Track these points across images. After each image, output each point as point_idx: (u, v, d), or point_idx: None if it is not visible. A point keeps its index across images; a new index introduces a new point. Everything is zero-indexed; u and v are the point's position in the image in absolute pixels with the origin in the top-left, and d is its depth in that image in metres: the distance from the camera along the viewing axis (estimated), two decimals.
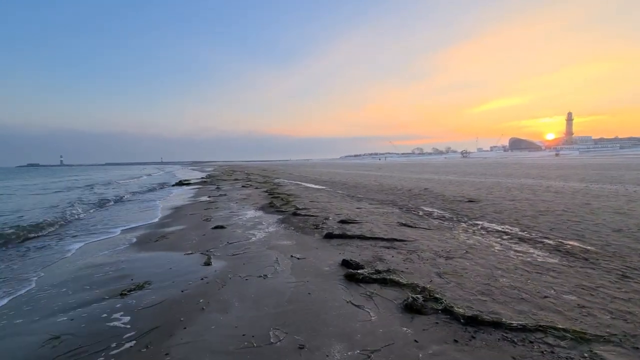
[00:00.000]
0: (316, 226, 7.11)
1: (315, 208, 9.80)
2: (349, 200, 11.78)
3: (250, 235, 6.54)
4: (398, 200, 11.16)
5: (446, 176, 21.07)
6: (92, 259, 5.42)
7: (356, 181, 20.02)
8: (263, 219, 8.32)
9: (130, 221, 8.97)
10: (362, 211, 9.07)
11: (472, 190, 12.81)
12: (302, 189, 16.30)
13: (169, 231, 7.37)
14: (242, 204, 11.37)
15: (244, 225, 7.56)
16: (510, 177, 18.26)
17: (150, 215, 10.00)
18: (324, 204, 10.64)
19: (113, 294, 3.84)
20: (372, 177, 23.49)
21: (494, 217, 7.74)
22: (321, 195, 13.47)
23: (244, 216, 8.92)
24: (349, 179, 21.92)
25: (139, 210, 11.43)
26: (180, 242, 6.31)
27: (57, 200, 15.10)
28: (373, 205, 10.34)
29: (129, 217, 9.93)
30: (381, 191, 14.23)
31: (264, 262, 4.80)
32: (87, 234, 7.53)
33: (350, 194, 13.52)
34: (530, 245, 5.29)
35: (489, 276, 3.93)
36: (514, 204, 9.35)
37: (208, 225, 7.73)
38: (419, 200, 10.98)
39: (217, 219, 8.62)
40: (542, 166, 28.84)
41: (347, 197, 12.70)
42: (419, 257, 4.79)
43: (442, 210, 8.93)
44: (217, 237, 6.55)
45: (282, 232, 6.74)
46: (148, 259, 5.24)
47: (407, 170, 31.61)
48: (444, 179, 18.63)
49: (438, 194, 12.23)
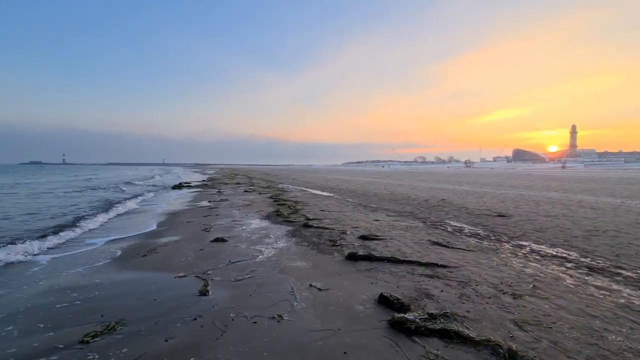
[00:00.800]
0: (333, 242, 6.04)
1: (327, 219, 8.73)
2: (363, 210, 10.72)
3: (256, 252, 5.47)
4: (417, 212, 10.08)
5: (460, 186, 19.97)
6: (61, 279, 4.36)
7: (365, 189, 18.96)
8: (270, 231, 7.25)
9: (119, 229, 7.92)
10: (381, 224, 8.00)
11: (496, 203, 11.72)
12: (309, 196, 15.24)
13: (161, 243, 6.30)
14: (245, 212, 10.31)
15: (248, 239, 6.49)
16: (532, 190, 17.15)
17: (143, 221, 8.95)
18: (337, 214, 9.58)
19: (71, 339, 2.78)
20: (380, 184, 22.43)
21: (538, 237, 6.66)
22: (331, 203, 12.40)
23: (247, 226, 7.85)
24: (357, 187, 20.87)
25: (130, 217, 10.39)
26: (172, 258, 5.24)
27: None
28: (391, 217, 9.27)
29: (118, 224, 8.88)
30: (395, 201, 13.16)
31: (276, 293, 3.73)
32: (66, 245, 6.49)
33: (362, 203, 12.45)
34: (609, 279, 4.21)
35: (588, 330, 2.85)
36: (553, 221, 8.26)
37: (207, 237, 6.66)
38: (441, 213, 9.90)
39: (218, 229, 7.56)
40: (557, 178, 27.69)
41: (359, 206, 11.64)
42: (476, 292, 3.71)
43: (472, 226, 7.85)
44: (216, 252, 5.48)
45: (294, 249, 5.67)
46: (129, 282, 4.18)
47: (416, 178, 30.54)
48: (459, 190, 17.54)
49: (459, 206, 11.15)
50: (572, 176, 31.92)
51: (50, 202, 14.37)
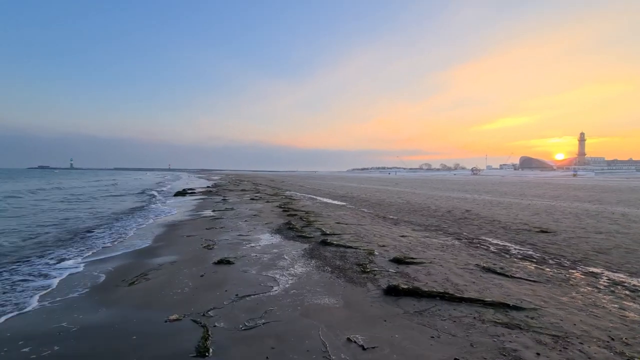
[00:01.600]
0: (362, 267, 4.96)
1: (347, 233, 7.66)
2: (383, 222, 9.63)
3: (269, 281, 4.41)
4: (445, 226, 8.96)
5: (479, 195, 18.77)
6: (14, 321, 3.33)
7: (378, 198, 17.85)
8: (283, 249, 6.19)
9: (115, 247, 6.92)
10: (410, 242, 6.91)
11: (530, 216, 10.55)
12: (320, 205, 14.18)
13: (155, 265, 5.27)
14: (253, 223, 9.27)
15: (258, 260, 5.44)
16: (560, 200, 15.90)
17: (138, 235, 7.95)
18: (356, 227, 8.50)
19: None
20: (393, 193, 21.30)
21: (606, 261, 5.51)
22: (345, 214, 11.33)
23: (256, 243, 6.81)
24: (369, 195, 19.76)
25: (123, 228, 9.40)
26: (165, 288, 4.20)
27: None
28: (418, 231, 8.17)
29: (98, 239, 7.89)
30: (414, 211, 12.05)
31: (303, 354, 2.66)
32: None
33: (379, 214, 11.36)
34: None
35: None
36: (609, 239, 7.10)
37: (209, 257, 5.62)
38: (472, 227, 8.78)
39: (222, 245, 6.52)
40: (580, 187, 26.28)
41: (377, 218, 10.54)
42: (586, 356, 2.61)
43: (517, 245, 6.72)
44: (220, 281, 4.43)
45: (316, 277, 4.60)
46: (104, 328, 3.14)
47: (428, 186, 29.31)
48: (480, 199, 16.36)
49: (489, 219, 10.01)
50: (594, 185, 30.44)
51: (104, 204, 13.59)
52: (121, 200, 17.77)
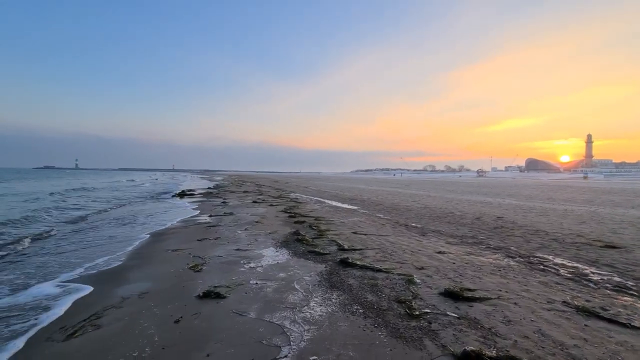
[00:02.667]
0: (408, 308, 3.48)
1: (369, 248, 6.20)
2: (406, 232, 8.15)
3: (276, 337, 2.94)
4: (484, 238, 7.46)
5: (502, 199, 17.18)
6: None
7: (391, 201, 16.35)
8: (293, 273, 4.73)
9: (74, 265, 5.50)
10: (453, 261, 5.42)
11: (577, 225, 9.01)
12: (329, 210, 12.72)
13: (115, 301, 3.81)
14: (255, 233, 7.83)
15: (259, 293, 3.98)
16: (597, 205, 14.26)
17: (108, 249, 6.55)
18: (378, 239, 7.04)
19: None
20: (406, 196, 19.77)
21: None
22: (361, 221, 9.86)
23: (258, 261, 5.36)
24: (381, 198, 18.26)
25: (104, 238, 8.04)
26: (117, 348, 2.76)
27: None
28: (455, 245, 6.69)
29: (79, 254, 6.51)
30: (438, 218, 10.55)
31: None
32: None
33: (399, 221, 9.87)
34: None
35: None
36: None
37: (194, 286, 4.18)
38: (518, 239, 7.27)
39: (214, 266, 5.08)
40: (607, 191, 24.49)
41: (399, 226, 9.06)
42: None
43: (592, 267, 5.20)
44: (202, 335, 2.98)
45: (344, 327, 3.13)
46: None
47: (441, 188, 27.70)
48: (506, 204, 14.79)
49: (532, 229, 8.49)
50: (619, 188, 28.59)
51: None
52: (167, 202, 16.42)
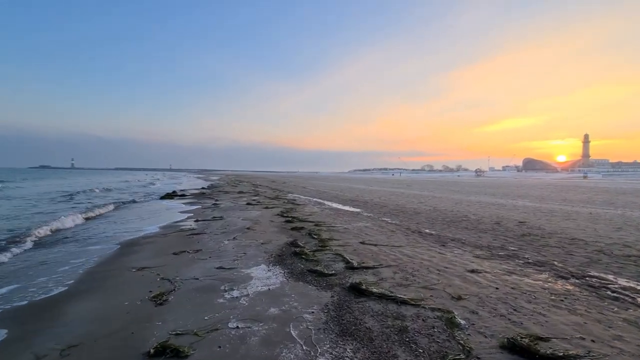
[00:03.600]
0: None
1: (384, 265, 5.01)
2: (422, 240, 6.97)
3: None
4: (515, 249, 6.29)
5: (514, 200, 16.04)
6: None
7: (396, 203, 15.18)
8: (289, 309, 3.51)
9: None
10: (495, 284, 4.24)
11: (614, 232, 7.87)
12: (330, 213, 11.51)
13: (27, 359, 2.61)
14: (245, 244, 6.62)
15: (241, 346, 2.75)
16: (622, 207, 13.13)
17: (62, 266, 5.31)
18: (391, 252, 5.84)
19: None
20: (409, 197, 18.60)
21: None
22: (367, 227, 8.67)
23: (243, 287, 4.14)
24: (384, 199, 17.08)
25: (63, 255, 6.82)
26: None
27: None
28: (485, 259, 5.50)
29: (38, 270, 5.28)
30: (452, 223, 9.39)
31: None
32: None
33: (410, 227, 8.69)
34: None
35: None
36: None
37: (147, 334, 2.96)
38: (557, 251, 6.11)
39: (183, 296, 3.86)
40: (618, 191, 23.42)
41: (411, 233, 7.88)
42: None
43: None
44: None
45: None
46: None
47: (444, 189, 26.55)
48: (522, 206, 13.65)
49: (566, 237, 7.34)
50: (632, 188, 27.57)
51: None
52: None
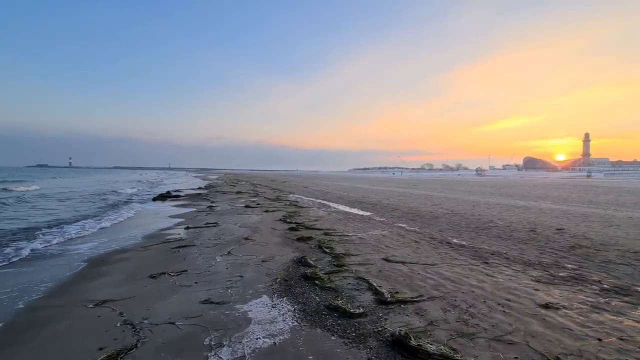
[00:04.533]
0: None
1: (427, 298, 3.76)
2: (456, 255, 5.73)
3: None
4: (572, 265, 5.05)
5: (536, 202, 14.79)
6: None
7: (408, 205, 13.93)
8: None
9: None
10: (596, 331, 2.99)
11: None
12: (338, 217, 10.26)
13: None
14: (241, 261, 5.36)
15: None
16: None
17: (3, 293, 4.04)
18: (425, 274, 4.60)
19: None
20: (421, 197, 17.35)
21: None
22: (384, 235, 7.43)
23: (237, 338, 2.89)
24: (393, 200, 15.83)
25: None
26: None
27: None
28: (550, 284, 4.26)
29: None
30: (480, 230, 8.15)
31: None
32: None
33: (433, 235, 7.44)
34: None
35: None
36: None
37: None
38: (626, 269, 4.88)
39: (151, 354, 2.62)
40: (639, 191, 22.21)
41: (438, 243, 6.64)
42: None
43: None
44: None
45: None
46: None
47: (455, 189, 25.26)
48: (548, 209, 12.41)
49: (627, 249, 6.11)
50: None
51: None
52: None
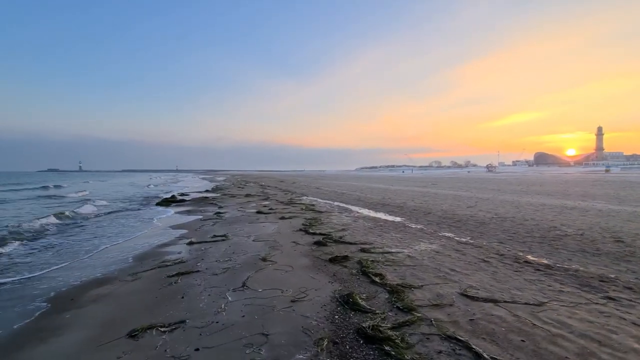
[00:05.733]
0: None
1: None
2: (554, 283, 4.18)
3: None
4: None
5: (584, 202, 13.05)
6: None
7: (439, 207, 12.32)
8: None
9: None
10: None
11: None
12: (367, 225, 8.73)
13: None
14: (261, 300, 3.87)
15: None
16: None
17: None
18: (539, 324, 3.05)
19: None
20: (448, 198, 15.70)
21: None
22: (437, 252, 5.88)
23: None
24: (419, 202, 14.22)
25: None
26: None
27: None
28: None
29: None
30: (550, 240, 6.55)
31: None
32: None
33: (497, 249, 5.88)
34: None
35: None
36: None
37: None
38: None
39: None
40: None
41: (518, 264, 5.07)
42: None
43: None
44: None
45: None
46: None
47: (479, 187, 23.42)
48: (605, 209, 10.70)
49: None
50: None
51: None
52: None
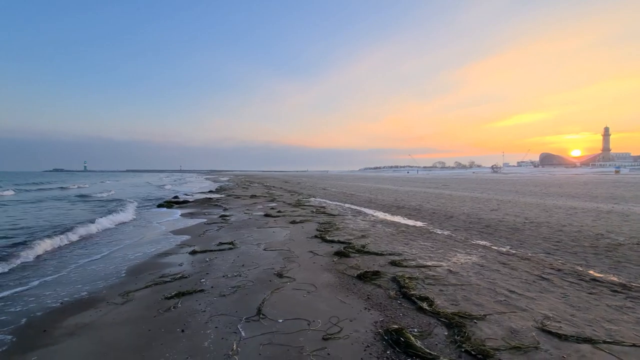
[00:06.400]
0: None
1: None
2: (637, 311, 3.31)
3: None
4: None
5: (618, 205, 12.07)
6: None
7: (460, 210, 11.40)
8: None
9: None
10: None
11: None
12: (389, 231, 7.84)
13: None
14: (284, 338, 3.00)
15: None
16: None
17: None
18: None
19: None
20: (466, 200, 14.76)
21: None
22: (478, 264, 4.99)
23: None
24: (435, 204, 13.30)
25: None
26: None
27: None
28: None
29: None
30: (607, 250, 5.64)
31: None
32: None
33: (551, 263, 4.97)
34: None
35: None
36: None
37: None
38: None
39: None
40: None
41: (584, 282, 4.18)
42: None
43: None
44: None
45: None
46: None
47: (494, 188, 22.41)
48: (628, 210, 9.73)
49: None
50: None
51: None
52: None
